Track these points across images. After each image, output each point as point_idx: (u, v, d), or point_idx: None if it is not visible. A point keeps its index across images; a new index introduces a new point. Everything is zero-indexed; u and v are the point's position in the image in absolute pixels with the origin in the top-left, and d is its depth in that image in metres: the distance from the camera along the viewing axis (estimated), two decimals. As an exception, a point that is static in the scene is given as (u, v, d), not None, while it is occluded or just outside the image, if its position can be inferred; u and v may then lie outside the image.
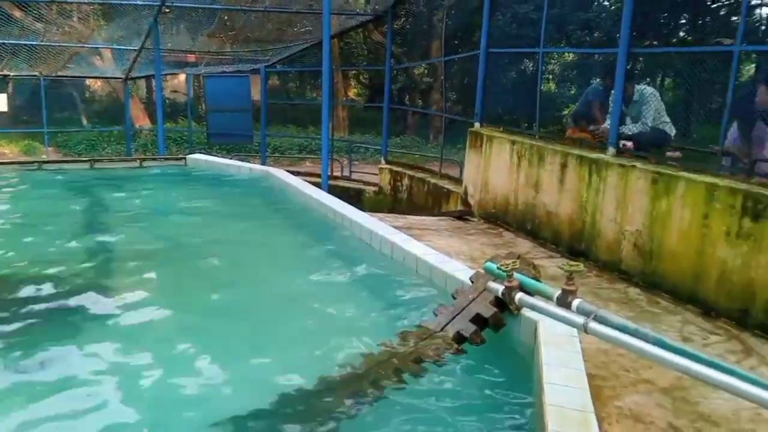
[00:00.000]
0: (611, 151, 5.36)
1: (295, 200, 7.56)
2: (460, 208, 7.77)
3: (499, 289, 3.29)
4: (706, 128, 5.46)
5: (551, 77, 12.56)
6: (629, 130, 5.76)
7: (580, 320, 2.68)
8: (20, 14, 12.11)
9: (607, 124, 5.89)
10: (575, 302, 2.78)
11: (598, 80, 6.96)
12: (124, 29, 12.70)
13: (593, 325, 2.62)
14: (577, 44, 11.51)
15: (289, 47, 13.94)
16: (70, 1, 11.98)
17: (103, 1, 11.89)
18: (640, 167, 4.86)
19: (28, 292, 4.29)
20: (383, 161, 11.74)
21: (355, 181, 13.12)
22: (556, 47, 9.87)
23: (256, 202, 8.03)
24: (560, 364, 2.80)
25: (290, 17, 12.66)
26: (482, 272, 3.55)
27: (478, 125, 7.58)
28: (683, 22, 8.26)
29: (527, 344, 3.27)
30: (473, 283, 3.58)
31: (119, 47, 14.03)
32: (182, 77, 22.52)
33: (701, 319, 4.12)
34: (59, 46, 13.86)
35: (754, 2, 8.78)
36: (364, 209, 6.80)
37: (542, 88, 6.73)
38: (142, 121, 22.89)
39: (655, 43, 5.92)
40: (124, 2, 11.50)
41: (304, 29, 13.31)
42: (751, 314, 3.91)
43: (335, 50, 19.54)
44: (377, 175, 11.77)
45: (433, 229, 6.43)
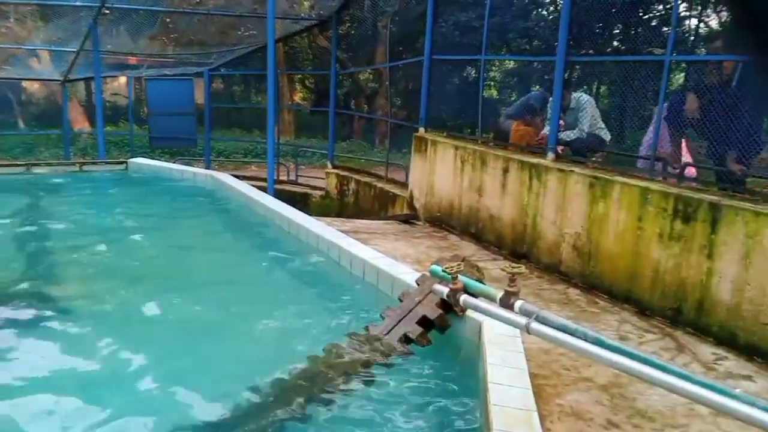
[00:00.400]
0: (550, 156, 5.52)
1: (240, 205, 7.46)
2: (406, 211, 7.83)
3: (444, 291, 3.34)
4: (639, 134, 5.71)
5: (493, 84, 12.83)
6: (567, 136, 5.96)
7: (522, 321, 2.76)
8: (-45, 15, 11.57)
9: (546, 130, 6.06)
10: (517, 303, 2.86)
11: (538, 87, 7.17)
12: (62, 30, 12.26)
13: (535, 325, 2.70)
14: (517, 52, 11.82)
15: (233, 51, 13.75)
16: (6, 2, 11.50)
17: (40, 1, 11.46)
18: (578, 172, 5.02)
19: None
20: (330, 165, 11.70)
21: (301, 185, 13.01)
22: (497, 54, 10.12)
23: (199, 207, 7.88)
24: (504, 363, 2.87)
25: (234, 21, 12.50)
26: (428, 275, 3.61)
27: (422, 130, 7.67)
28: (617, 32, 8.59)
29: (472, 345, 3.33)
30: (419, 285, 3.63)
31: (57, 49, 13.53)
32: (123, 80, 21.87)
33: (637, 318, 4.28)
34: (-5, 47, 13.30)
35: (683, 14, 9.23)
36: (311, 213, 6.78)
37: (484, 94, 6.87)
38: (81, 124, 22.08)
39: (591, 52, 6.12)
40: (62, 3, 11.11)
41: (248, 33, 13.15)
42: (683, 313, 4.09)
43: (280, 54, 19.36)
44: (324, 179, 11.73)
45: (379, 233, 6.47)
